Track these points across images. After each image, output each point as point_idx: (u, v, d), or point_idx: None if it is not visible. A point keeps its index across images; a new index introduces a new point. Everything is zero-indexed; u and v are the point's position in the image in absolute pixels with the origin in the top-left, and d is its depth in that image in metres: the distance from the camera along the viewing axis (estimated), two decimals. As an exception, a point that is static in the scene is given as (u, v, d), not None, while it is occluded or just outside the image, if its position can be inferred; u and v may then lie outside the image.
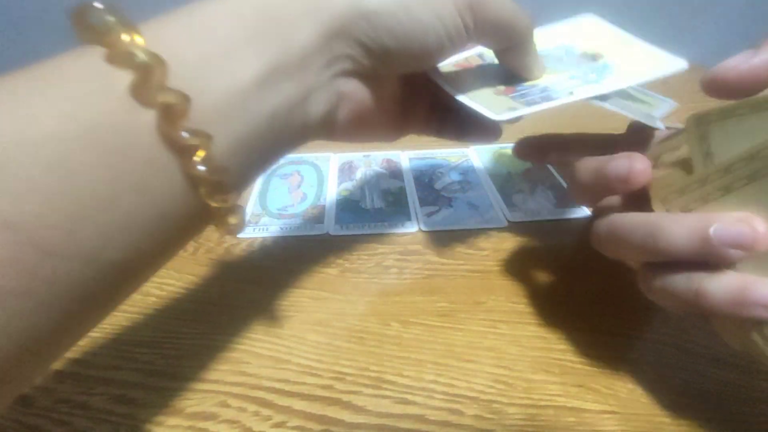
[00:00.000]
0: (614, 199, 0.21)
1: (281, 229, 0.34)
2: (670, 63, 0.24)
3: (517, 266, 0.30)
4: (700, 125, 0.17)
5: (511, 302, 0.27)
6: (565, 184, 0.38)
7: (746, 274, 0.17)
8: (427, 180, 0.39)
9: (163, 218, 0.14)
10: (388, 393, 0.22)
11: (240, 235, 0.33)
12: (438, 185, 0.38)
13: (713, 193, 0.17)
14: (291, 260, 0.31)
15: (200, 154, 0.13)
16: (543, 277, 0.29)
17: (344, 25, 0.17)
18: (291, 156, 0.43)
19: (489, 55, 0.25)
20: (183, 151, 0.13)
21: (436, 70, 0.24)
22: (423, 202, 0.36)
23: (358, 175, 0.40)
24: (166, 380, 0.23)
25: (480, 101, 0.22)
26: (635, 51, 0.26)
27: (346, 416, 0.21)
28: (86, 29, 0.13)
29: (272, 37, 0.15)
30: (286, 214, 0.35)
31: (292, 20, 0.16)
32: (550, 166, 0.41)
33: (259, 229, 0.34)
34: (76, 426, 0.21)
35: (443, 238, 0.33)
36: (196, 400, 0.22)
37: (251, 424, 0.21)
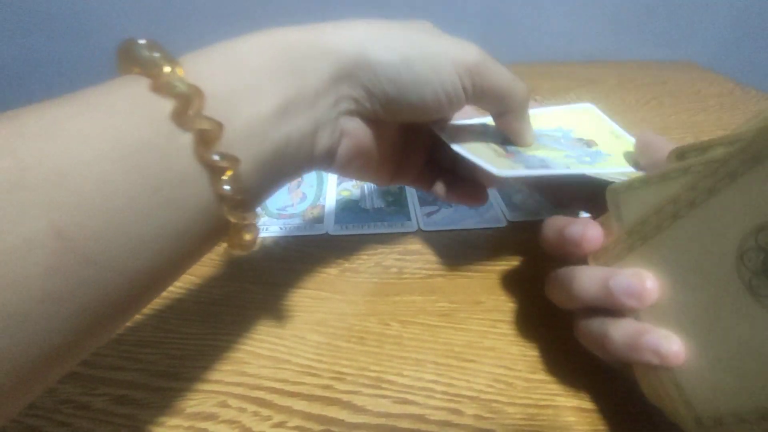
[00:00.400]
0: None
1: (281, 229, 0.34)
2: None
3: (517, 266, 0.30)
4: (613, 194, 0.20)
5: (511, 302, 0.27)
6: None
7: (645, 323, 0.19)
8: (426, 180, 0.39)
9: (188, 232, 0.15)
10: (387, 393, 0.22)
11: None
12: (438, 185, 0.38)
13: (622, 252, 0.20)
14: (291, 260, 0.31)
15: (228, 174, 0.15)
16: (543, 276, 0.29)
17: (351, 70, 0.19)
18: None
19: (492, 123, 0.26)
20: (214, 172, 0.15)
21: (438, 124, 0.25)
22: (423, 202, 0.36)
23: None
24: (168, 381, 0.23)
25: (481, 156, 0.23)
26: (624, 144, 0.28)
27: (346, 416, 0.21)
28: (131, 62, 0.15)
29: (290, 75, 0.18)
30: (286, 214, 0.36)
31: (308, 62, 0.18)
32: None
33: (259, 229, 0.34)
34: (77, 427, 0.21)
35: (443, 238, 0.33)
36: (196, 400, 0.22)
37: (251, 424, 0.21)
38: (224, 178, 0.15)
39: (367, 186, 0.39)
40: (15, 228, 0.11)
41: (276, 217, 0.35)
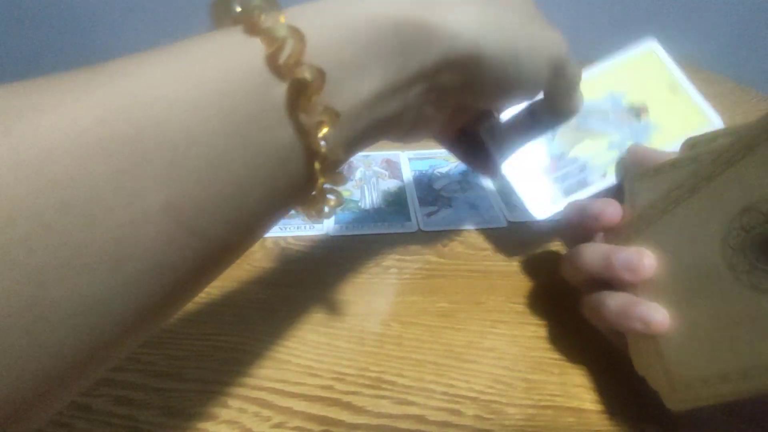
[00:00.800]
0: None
1: (281, 229, 0.34)
2: (707, 122, 0.26)
3: (517, 266, 0.30)
4: (629, 182, 0.22)
5: (511, 302, 0.27)
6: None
7: (638, 297, 0.21)
8: (426, 180, 0.39)
9: (280, 195, 0.15)
10: (387, 393, 0.22)
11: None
12: (437, 185, 0.38)
13: (631, 235, 0.22)
14: (291, 260, 0.31)
15: (324, 129, 0.14)
16: (543, 277, 0.29)
17: (459, 62, 0.17)
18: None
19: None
20: (311, 125, 0.14)
21: (486, 127, 0.25)
22: (422, 203, 0.36)
23: (358, 175, 0.40)
24: (168, 381, 0.23)
25: (527, 187, 0.25)
26: (678, 103, 0.27)
27: (346, 417, 0.21)
28: (226, 15, 0.14)
29: (398, 56, 0.16)
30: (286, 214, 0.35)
31: (418, 45, 0.16)
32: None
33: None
34: (77, 428, 0.21)
35: (443, 239, 0.33)
36: (196, 400, 0.22)
37: (251, 424, 0.21)
38: (320, 134, 0.14)
39: (367, 186, 0.39)
40: (135, 201, 0.11)
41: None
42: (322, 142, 0.14)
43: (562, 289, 0.28)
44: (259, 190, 0.14)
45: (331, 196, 0.17)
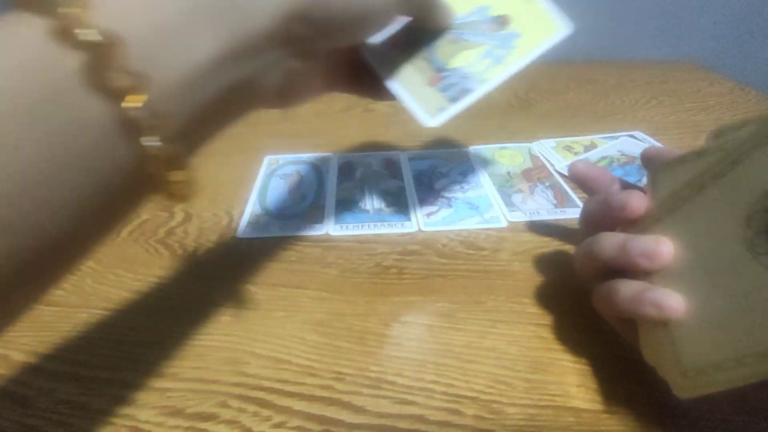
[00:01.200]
0: None
1: (281, 229, 0.34)
2: (559, 28, 0.28)
3: (517, 266, 0.30)
4: (653, 173, 0.22)
5: (510, 302, 0.27)
6: (564, 185, 0.38)
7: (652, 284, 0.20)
8: (426, 180, 0.39)
9: (96, 171, 0.13)
10: (387, 393, 0.22)
11: (240, 236, 0.33)
12: (437, 185, 0.38)
13: (650, 224, 0.22)
14: (291, 260, 0.31)
15: (138, 97, 0.13)
16: (543, 276, 0.29)
17: (306, 8, 0.17)
18: (290, 156, 0.43)
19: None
20: (115, 93, 0.13)
21: (370, 51, 0.27)
22: (423, 203, 0.36)
23: (358, 175, 0.40)
24: (167, 381, 0.23)
25: (415, 98, 0.26)
26: (532, 12, 0.29)
27: (346, 416, 0.21)
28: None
29: (232, 13, 0.15)
30: (286, 214, 0.35)
31: (252, 3, 0.16)
32: (550, 167, 0.41)
33: (259, 229, 0.34)
34: (75, 427, 0.21)
35: (443, 239, 0.33)
36: (196, 400, 0.22)
37: (251, 424, 0.21)
38: (134, 103, 0.13)
39: (367, 186, 0.39)
40: None
41: (276, 217, 0.35)
42: (140, 112, 0.13)
43: (562, 288, 0.28)
44: (75, 174, 0.13)
45: (178, 171, 0.15)
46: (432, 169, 0.41)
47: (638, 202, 0.22)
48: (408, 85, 0.27)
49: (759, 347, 0.16)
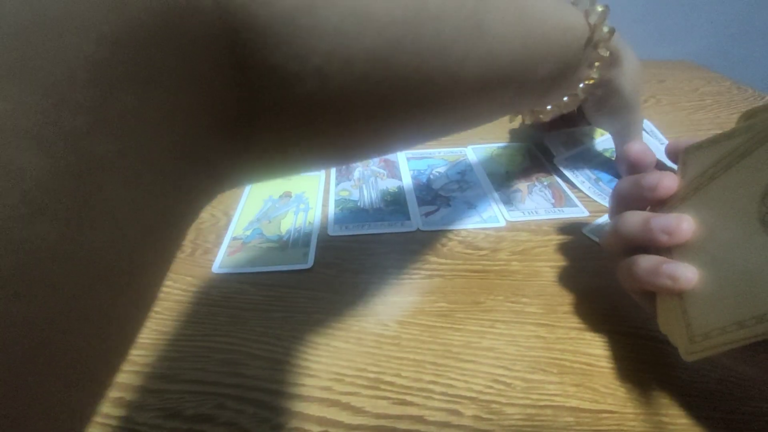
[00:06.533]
0: None
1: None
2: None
3: (516, 266, 0.30)
4: (684, 153, 0.23)
5: (509, 302, 0.27)
6: (562, 185, 0.38)
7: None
8: (425, 180, 0.39)
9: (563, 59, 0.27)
10: (386, 394, 0.22)
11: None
12: (436, 185, 0.38)
13: (676, 203, 0.23)
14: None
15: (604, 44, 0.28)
16: (541, 276, 0.29)
17: (613, 85, 0.32)
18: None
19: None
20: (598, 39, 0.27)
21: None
22: (421, 202, 0.36)
23: (356, 174, 0.40)
24: (165, 383, 0.23)
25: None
26: None
27: (345, 417, 0.21)
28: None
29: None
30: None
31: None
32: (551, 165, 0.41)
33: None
34: (73, 429, 0.21)
35: (442, 238, 0.33)
36: (194, 402, 0.22)
37: (250, 425, 0.21)
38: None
39: (366, 186, 0.39)
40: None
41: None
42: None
43: (561, 288, 0.28)
44: (559, 66, 0.24)
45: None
46: (430, 168, 0.41)
47: (669, 183, 0.23)
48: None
49: (759, 310, 0.18)
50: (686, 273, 0.20)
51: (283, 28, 0.12)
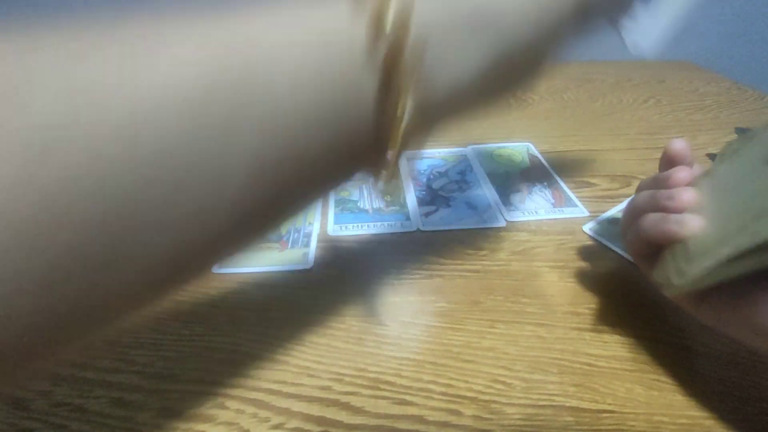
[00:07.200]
0: None
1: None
2: None
3: (516, 266, 0.30)
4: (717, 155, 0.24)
5: (509, 302, 0.27)
6: (562, 185, 0.38)
7: None
8: (425, 180, 0.39)
9: (347, 144, 0.14)
10: (386, 394, 0.22)
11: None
12: (436, 185, 0.38)
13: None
14: (289, 261, 0.31)
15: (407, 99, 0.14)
16: (541, 276, 0.29)
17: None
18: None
19: None
20: (401, 87, 0.13)
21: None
22: (421, 202, 0.36)
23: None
24: (165, 382, 0.23)
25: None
26: None
27: (345, 417, 0.21)
28: None
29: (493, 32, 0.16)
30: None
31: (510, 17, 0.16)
32: (547, 166, 0.41)
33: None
34: (73, 430, 0.21)
35: (441, 238, 0.33)
36: (194, 402, 0.22)
37: (249, 425, 0.21)
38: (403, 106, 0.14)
39: (366, 186, 0.39)
40: (226, 151, 0.12)
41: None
42: (406, 114, 0.14)
43: (560, 288, 0.28)
44: (334, 148, 0.14)
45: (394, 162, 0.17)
46: (430, 168, 0.41)
47: (687, 197, 0.23)
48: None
49: (756, 239, 0.18)
50: (693, 219, 0.21)
51: None
